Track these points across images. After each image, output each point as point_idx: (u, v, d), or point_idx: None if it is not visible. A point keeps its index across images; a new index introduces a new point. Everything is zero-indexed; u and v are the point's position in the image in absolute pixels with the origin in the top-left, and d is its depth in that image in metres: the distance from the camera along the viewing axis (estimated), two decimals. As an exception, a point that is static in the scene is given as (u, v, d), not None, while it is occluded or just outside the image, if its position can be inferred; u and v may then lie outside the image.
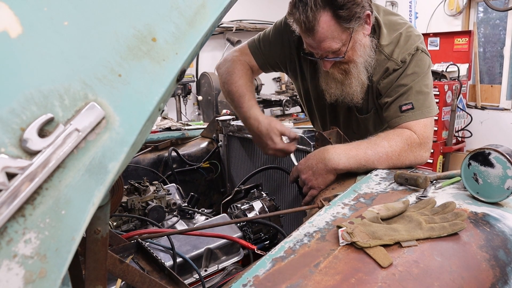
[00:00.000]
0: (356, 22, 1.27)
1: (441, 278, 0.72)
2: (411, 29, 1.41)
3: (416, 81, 1.34)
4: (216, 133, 1.95)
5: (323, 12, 1.23)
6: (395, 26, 1.42)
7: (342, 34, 1.28)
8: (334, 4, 1.22)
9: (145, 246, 0.99)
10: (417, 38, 1.40)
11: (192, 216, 1.40)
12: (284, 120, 5.37)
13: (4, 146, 0.41)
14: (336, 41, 1.28)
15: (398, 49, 1.37)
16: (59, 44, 0.46)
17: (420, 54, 1.37)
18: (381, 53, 1.39)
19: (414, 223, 0.85)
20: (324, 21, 1.24)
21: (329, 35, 1.26)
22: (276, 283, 0.69)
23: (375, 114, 1.52)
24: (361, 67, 1.37)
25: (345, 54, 1.31)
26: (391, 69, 1.38)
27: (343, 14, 1.23)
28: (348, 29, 1.27)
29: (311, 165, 1.25)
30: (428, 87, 1.37)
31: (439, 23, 5.38)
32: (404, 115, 1.33)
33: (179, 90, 5.21)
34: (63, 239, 0.44)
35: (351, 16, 1.24)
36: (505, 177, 0.94)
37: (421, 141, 1.30)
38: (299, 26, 1.29)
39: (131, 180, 1.39)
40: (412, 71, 1.35)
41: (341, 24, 1.25)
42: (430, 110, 1.34)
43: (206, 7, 0.55)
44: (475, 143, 4.86)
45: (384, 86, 1.40)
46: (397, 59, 1.37)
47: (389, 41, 1.39)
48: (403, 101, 1.34)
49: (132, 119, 0.48)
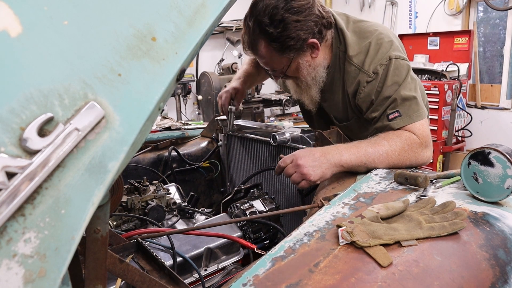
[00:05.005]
0: (292, 52, 1.32)
1: (441, 277, 0.72)
2: (381, 36, 1.37)
3: (398, 90, 1.32)
4: (216, 132, 1.95)
5: (260, 39, 1.32)
6: (365, 34, 1.40)
7: (281, 58, 1.35)
8: (268, 36, 1.29)
9: (145, 246, 0.99)
10: (388, 45, 1.36)
11: (192, 215, 1.40)
12: (284, 119, 5.37)
13: (4, 146, 0.41)
14: (276, 63, 1.37)
15: (368, 59, 1.35)
16: (59, 43, 0.46)
17: (395, 62, 1.33)
18: (350, 64, 1.39)
19: (414, 223, 0.85)
20: (263, 46, 1.33)
21: (268, 59, 1.36)
22: (276, 282, 0.69)
23: (356, 121, 1.51)
24: (310, 83, 1.43)
25: (286, 73, 1.40)
26: (363, 81, 1.36)
27: (275, 47, 1.30)
28: (284, 57, 1.33)
29: (313, 155, 1.21)
30: (412, 90, 1.33)
31: (439, 22, 5.38)
32: (392, 122, 1.31)
33: (179, 89, 5.21)
34: (63, 238, 0.44)
35: (285, 48, 1.30)
36: (505, 176, 0.94)
37: (421, 141, 1.29)
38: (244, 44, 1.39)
39: (131, 180, 1.39)
40: (392, 82, 1.32)
41: (277, 53, 1.32)
42: (418, 114, 1.32)
43: (206, 6, 0.55)
44: (475, 143, 4.86)
45: (362, 101, 1.39)
46: (369, 71, 1.35)
47: (358, 50, 1.38)
48: (389, 111, 1.32)
49: (132, 119, 0.48)
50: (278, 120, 5.43)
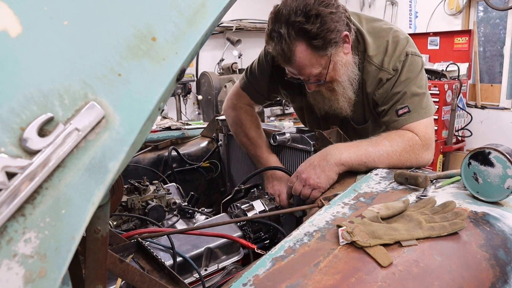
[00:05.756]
0: (333, 47, 1.27)
1: (441, 277, 0.72)
2: (397, 33, 1.39)
3: (410, 85, 1.34)
4: (216, 132, 1.94)
5: (297, 43, 1.23)
6: (381, 33, 1.40)
7: (320, 59, 1.28)
8: (308, 35, 1.21)
9: (145, 246, 0.99)
10: (405, 42, 1.37)
11: (192, 215, 1.40)
12: (284, 119, 5.37)
13: (4, 146, 0.41)
14: (315, 67, 1.29)
15: (387, 58, 1.36)
16: (59, 43, 0.46)
17: (411, 58, 1.35)
18: (371, 64, 1.38)
19: (414, 223, 0.85)
20: (301, 51, 1.25)
21: (307, 63, 1.27)
22: (276, 282, 0.69)
23: (373, 123, 1.52)
24: (346, 84, 1.38)
25: (326, 77, 1.33)
26: (384, 79, 1.37)
27: (317, 44, 1.23)
28: (325, 55, 1.28)
29: (312, 164, 1.23)
30: (423, 88, 1.36)
31: (439, 22, 5.38)
32: (401, 118, 1.33)
33: (179, 89, 5.21)
34: (63, 238, 0.44)
35: (327, 44, 1.24)
36: (505, 176, 0.94)
37: (423, 142, 1.30)
38: (278, 57, 1.31)
39: (131, 180, 1.39)
40: (405, 77, 1.34)
41: (318, 52, 1.26)
42: (427, 111, 1.34)
43: (206, 6, 0.55)
44: (475, 143, 4.86)
45: (380, 96, 1.40)
46: (389, 68, 1.36)
47: (377, 50, 1.38)
48: (399, 106, 1.34)
49: (132, 119, 0.48)
50: (278, 120, 5.43)
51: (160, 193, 1.36)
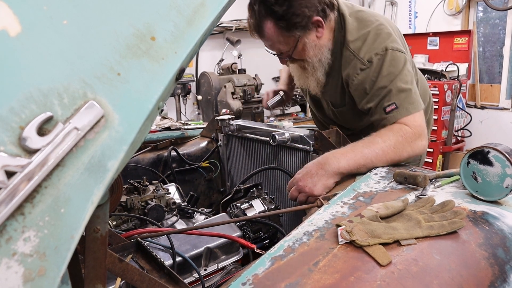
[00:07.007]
0: (299, 30, 1.34)
1: (440, 276, 0.72)
2: (381, 27, 1.39)
3: (394, 81, 1.33)
4: (215, 132, 1.95)
5: (266, 20, 1.34)
6: (366, 23, 1.41)
7: (287, 39, 1.37)
8: (273, 15, 1.31)
9: (144, 245, 0.99)
10: (387, 36, 1.38)
11: (192, 215, 1.40)
12: (284, 119, 5.37)
13: (3, 145, 0.41)
14: (283, 45, 1.39)
15: (365, 47, 1.37)
16: (58, 43, 0.46)
17: (392, 53, 1.35)
18: (346, 49, 1.41)
19: (413, 222, 0.85)
20: (268, 28, 1.35)
21: (275, 40, 1.38)
22: (276, 281, 0.69)
23: (352, 108, 1.52)
24: (316, 65, 1.45)
25: (292, 54, 1.41)
26: (357, 68, 1.38)
27: (282, 25, 1.33)
28: (292, 35, 1.35)
29: (310, 172, 1.23)
30: (408, 83, 1.35)
31: (439, 22, 5.38)
32: (390, 115, 1.33)
33: (179, 89, 5.20)
34: (63, 237, 0.44)
35: (291, 26, 1.33)
36: (504, 175, 0.94)
37: (414, 130, 1.29)
38: (251, 28, 1.40)
39: (131, 180, 1.39)
40: (387, 72, 1.34)
41: (283, 32, 1.35)
42: (415, 106, 1.33)
43: (205, 6, 0.55)
44: (474, 143, 4.86)
45: (355, 89, 1.41)
46: (364, 58, 1.37)
47: (356, 36, 1.39)
48: (386, 103, 1.33)
49: (131, 118, 0.49)
50: (278, 120, 5.43)
51: (159, 193, 1.36)
